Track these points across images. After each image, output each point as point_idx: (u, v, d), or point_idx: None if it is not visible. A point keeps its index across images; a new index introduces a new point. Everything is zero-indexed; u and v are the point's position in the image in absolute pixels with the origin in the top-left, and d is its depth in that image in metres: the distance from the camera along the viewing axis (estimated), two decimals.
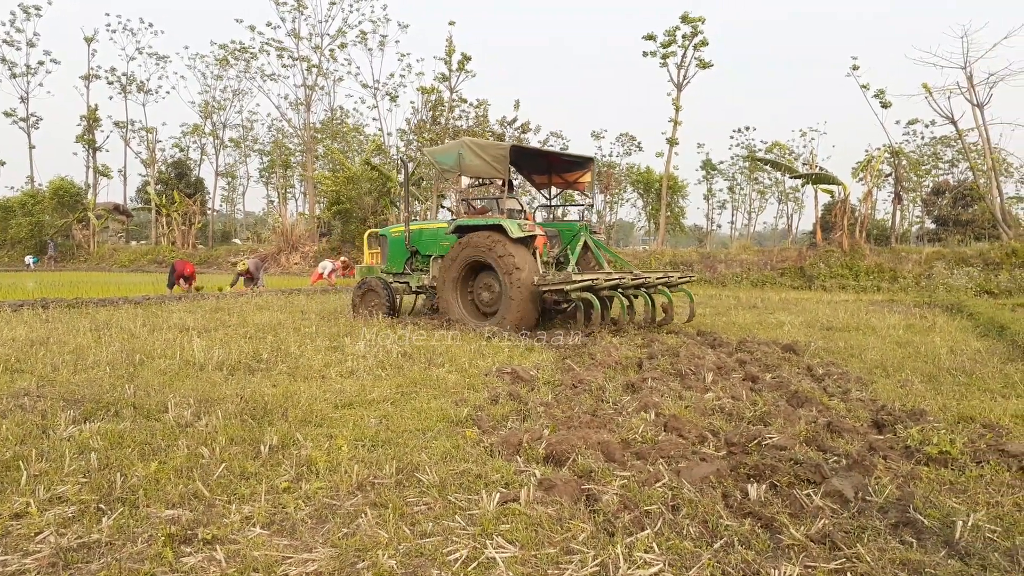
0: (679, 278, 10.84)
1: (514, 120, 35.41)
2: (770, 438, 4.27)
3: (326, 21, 41.50)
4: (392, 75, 49.08)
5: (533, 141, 38.98)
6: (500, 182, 10.85)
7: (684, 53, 31.67)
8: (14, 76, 48.65)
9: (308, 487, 3.42)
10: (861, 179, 28.10)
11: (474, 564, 2.68)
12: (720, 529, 3.01)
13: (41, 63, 49.04)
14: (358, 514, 3.13)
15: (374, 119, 57.62)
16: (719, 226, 62.86)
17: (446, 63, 34.88)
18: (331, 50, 41.90)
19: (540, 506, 3.15)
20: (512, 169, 11.49)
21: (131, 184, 57.77)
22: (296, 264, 34.46)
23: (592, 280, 9.16)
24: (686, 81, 32.08)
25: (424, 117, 36.74)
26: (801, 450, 4.09)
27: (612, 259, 11.75)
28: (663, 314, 10.32)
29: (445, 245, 10.79)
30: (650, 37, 31.79)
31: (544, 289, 9.22)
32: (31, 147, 49.99)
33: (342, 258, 25.60)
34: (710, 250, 32.19)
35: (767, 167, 48.02)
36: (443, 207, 40.72)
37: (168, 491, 3.33)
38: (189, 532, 2.88)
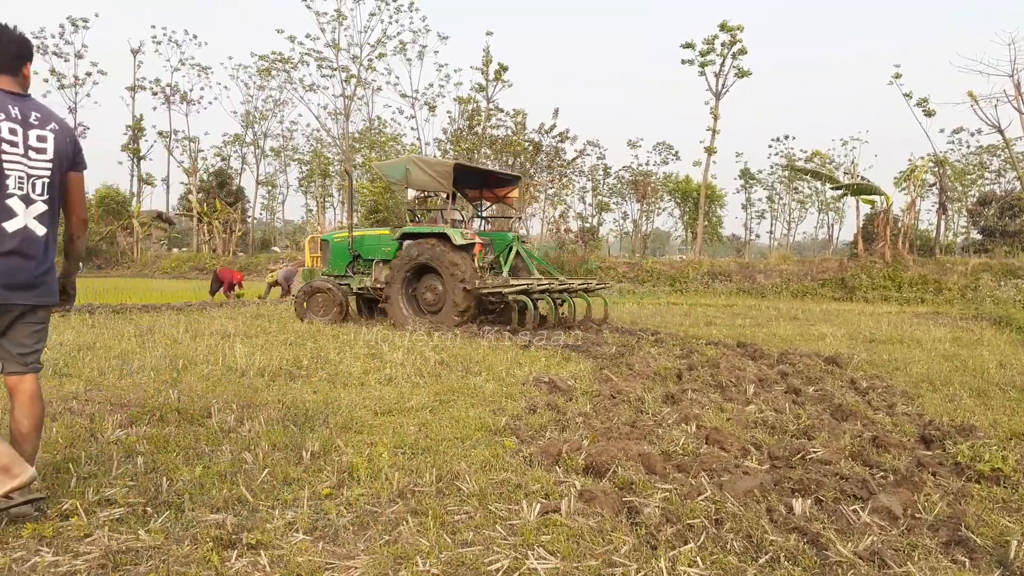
0: (596, 285, 12.60)
1: (552, 128, 35.39)
2: (814, 452, 4.20)
3: (365, 32, 41.91)
4: (430, 85, 49.23)
5: (570, 150, 38.99)
6: (444, 195, 11.84)
7: (722, 62, 31.47)
8: (63, 87, 49.94)
9: (349, 494, 3.44)
10: (904, 189, 27.62)
11: (515, 575, 2.67)
12: (765, 544, 2.95)
13: (89, 74, 50.24)
14: (399, 521, 3.13)
15: (412, 129, 58.03)
16: (757, 236, 62.15)
17: (483, 73, 35.07)
18: (370, 60, 42.38)
19: (581, 517, 3.13)
20: None
21: (174, 192, 58.94)
22: None
23: (527, 284, 10.64)
24: (724, 90, 31.87)
25: (461, 127, 36.92)
26: (846, 465, 4.02)
27: (542, 266, 13.18)
28: (601, 314, 12.09)
29: (387, 250, 11.90)
30: (688, 45, 31.66)
31: (484, 291, 10.54)
32: None
33: None
34: (749, 260, 31.86)
35: (807, 177, 47.37)
36: (479, 216, 40.88)
37: (213, 495, 3.37)
38: (234, 536, 2.91)
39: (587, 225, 48.47)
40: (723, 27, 30.40)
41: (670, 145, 52.84)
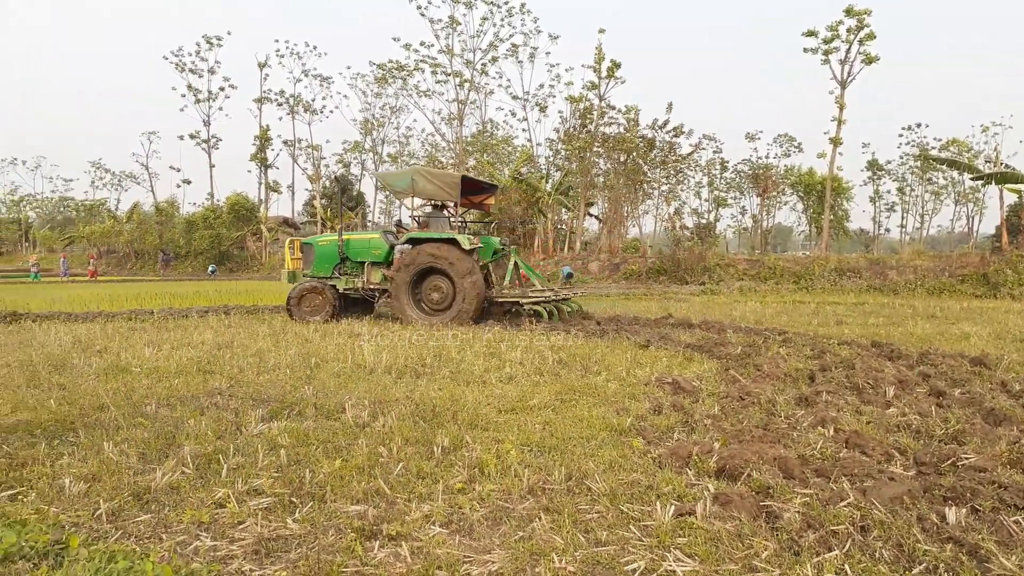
0: (578, 295, 14.60)
1: (665, 123, 34.75)
2: (966, 458, 3.93)
3: (478, 36, 42.48)
4: (541, 86, 49.27)
5: (685, 145, 38.16)
6: (452, 203, 12.73)
7: (848, 48, 29.99)
8: (198, 102, 53.33)
9: (481, 489, 3.50)
10: None
11: None
12: (918, 554, 2.79)
13: (221, 89, 53.44)
14: (532, 518, 3.16)
15: (523, 130, 58.56)
16: (887, 230, 58.58)
17: (595, 71, 34.86)
18: (483, 64, 42.97)
19: (718, 521, 3.05)
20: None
21: (298, 199, 61.76)
22: None
23: (544, 295, 12.35)
24: (850, 77, 30.34)
25: (573, 126, 36.83)
26: (1004, 472, 3.73)
27: (538, 277, 14.15)
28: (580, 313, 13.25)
29: (377, 253, 12.67)
30: (811, 33, 30.34)
31: (500, 300, 12.12)
32: (211, 166, 54.46)
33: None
34: (879, 255, 30.24)
35: (942, 166, 44.43)
36: (590, 214, 40.68)
37: (352, 487, 3.50)
38: (374, 527, 3.02)
39: (703, 221, 47.40)
40: (849, 12, 28.96)
41: (792, 137, 50.68)
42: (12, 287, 26.95)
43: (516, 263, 13.11)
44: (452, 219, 13.06)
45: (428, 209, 13.36)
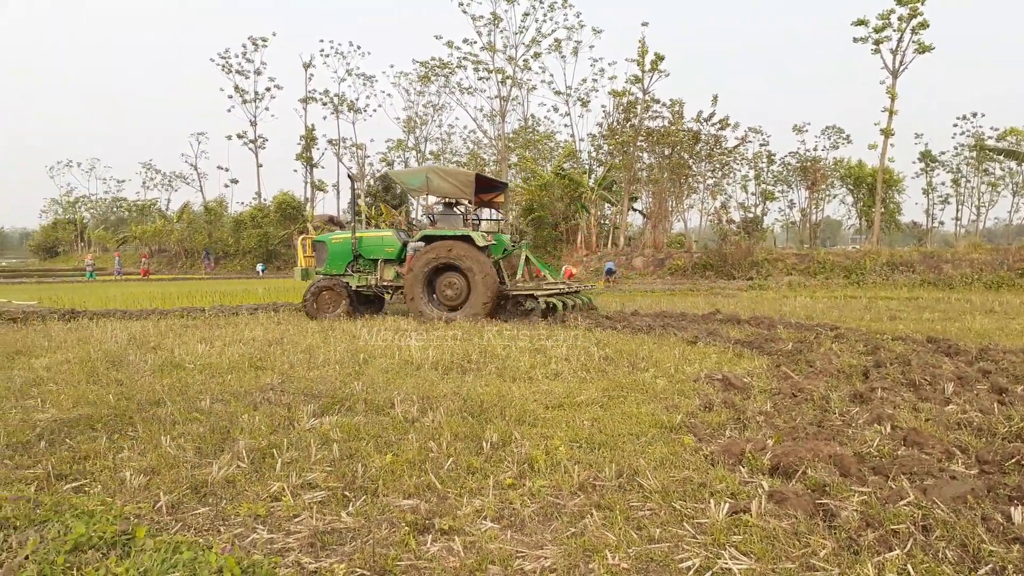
0: (586, 289, 14.51)
1: (711, 116, 34.26)
2: None
3: (520, 32, 42.40)
4: (584, 80, 48.95)
5: (731, 138, 37.59)
6: (466, 201, 12.98)
7: (900, 37, 29.20)
8: (244, 102, 54.28)
9: (531, 484, 3.50)
10: None
11: (708, 574, 2.60)
12: (983, 554, 2.71)
13: (268, 89, 54.30)
14: (583, 514, 3.15)
15: (565, 126, 58.28)
16: (941, 223, 56.86)
17: (639, 64, 34.51)
18: (525, 60, 42.89)
19: (773, 519, 3.00)
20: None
21: (343, 197, 62.35)
22: None
23: (559, 289, 12.33)
24: (902, 67, 29.54)
25: (616, 120, 36.54)
26: None
27: (550, 271, 14.41)
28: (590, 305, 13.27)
29: (390, 251, 12.87)
30: (861, 22, 29.62)
31: (514, 293, 12.17)
32: (259, 165, 55.40)
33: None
34: (932, 249, 29.44)
35: (999, 157, 43.03)
36: (634, 209, 40.36)
37: (404, 482, 3.53)
38: (427, 521, 3.04)
39: (750, 215, 46.65)
40: (900, 0, 28.19)
41: (840, 128, 49.53)
42: (70, 286, 27.78)
43: (527, 257, 13.25)
44: (467, 216, 13.14)
45: (441, 207, 13.53)
